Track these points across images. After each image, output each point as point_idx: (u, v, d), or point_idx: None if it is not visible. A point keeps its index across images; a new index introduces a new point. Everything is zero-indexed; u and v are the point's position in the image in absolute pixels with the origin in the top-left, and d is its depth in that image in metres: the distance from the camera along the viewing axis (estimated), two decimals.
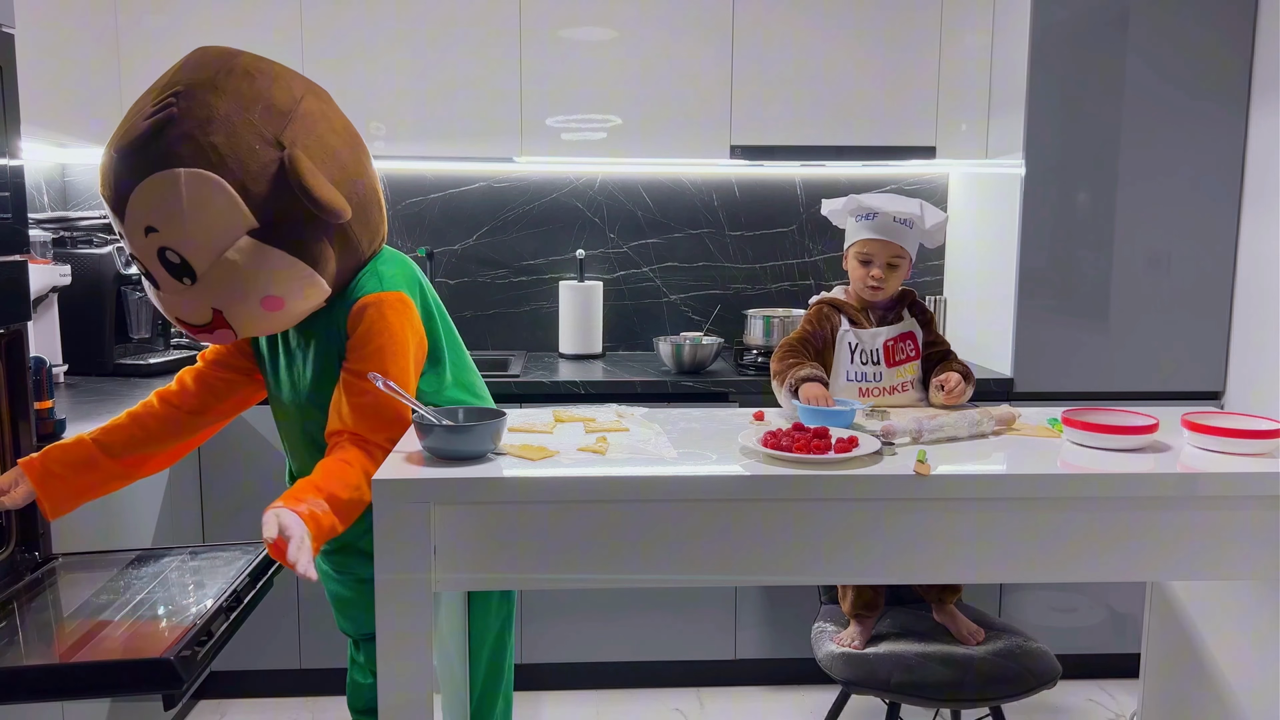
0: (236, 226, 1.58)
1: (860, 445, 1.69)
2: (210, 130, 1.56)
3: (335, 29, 2.88)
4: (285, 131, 1.62)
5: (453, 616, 1.81)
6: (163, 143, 1.55)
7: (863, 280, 2.14)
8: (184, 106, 1.57)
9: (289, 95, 1.66)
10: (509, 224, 3.28)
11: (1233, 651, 2.06)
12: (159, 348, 2.94)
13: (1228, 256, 2.82)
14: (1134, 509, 1.66)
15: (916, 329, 2.17)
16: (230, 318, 1.66)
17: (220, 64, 1.63)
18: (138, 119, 1.59)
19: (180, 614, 1.55)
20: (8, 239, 1.81)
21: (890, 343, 2.13)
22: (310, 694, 2.85)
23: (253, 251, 1.60)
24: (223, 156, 1.56)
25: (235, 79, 1.62)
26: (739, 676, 2.95)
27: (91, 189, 3.18)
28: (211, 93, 1.59)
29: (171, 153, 1.54)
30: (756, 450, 1.68)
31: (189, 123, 1.56)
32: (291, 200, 1.60)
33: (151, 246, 1.60)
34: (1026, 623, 2.89)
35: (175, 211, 1.56)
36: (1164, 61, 2.74)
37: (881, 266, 2.12)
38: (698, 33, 2.94)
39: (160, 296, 1.68)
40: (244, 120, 1.59)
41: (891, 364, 2.12)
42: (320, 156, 1.65)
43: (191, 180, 1.55)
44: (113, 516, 2.21)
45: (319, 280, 1.68)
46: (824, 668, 2.01)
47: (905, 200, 2.16)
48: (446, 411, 1.73)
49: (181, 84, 1.60)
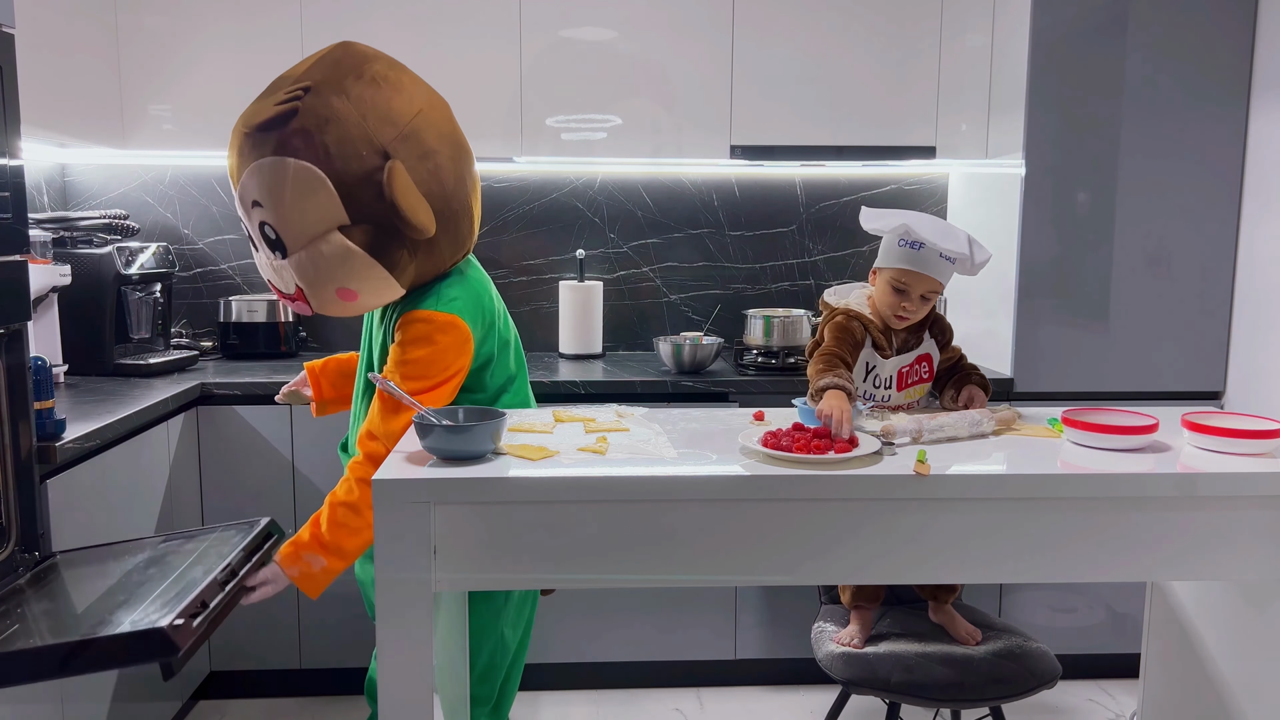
0: (329, 220, 1.73)
1: (860, 445, 1.69)
2: (326, 130, 1.70)
3: (335, 29, 2.88)
4: (394, 143, 1.74)
5: (453, 616, 1.81)
6: (283, 132, 1.71)
7: (892, 307, 2.01)
8: (309, 103, 1.71)
9: (408, 108, 1.78)
10: (509, 224, 3.28)
11: (1233, 651, 2.06)
12: (159, 348, 2.94)
13: (1228, 256, 2.82)
14: (1134, 509, 1.66)
15: (934, 351, 2.09)
16: (309, 296, 1.83)
17: (353, 67, 1.76)
18: (268, 103, 1.74)
19: (177, 589, 1.55)
20: (8, 239, 1.82)
21: (905, 369, 2.07)
22: (310, 694, 2.85)
23: (339, 246, 1.75)
24: (331, 156, 1.69)
25: (362, 85, 1.74)
26: (739, 676, 2.95)
27: (91, 189, 3.18)
28: (336, 94, 1.72)
29: (288, 143, 1.71)
30: (756, 450, 1.68)
31: (310, 119, 1.70)
32: (383, 208, 1.72)
33: (256, 218, 1.78)
34: (1026, 623, 2.89)
35: (279, 195, 1.72)
36: (1164, 62, 2.74)
37: (915, 300, 2.00)
38: (698, 33, 2.94)
39: (257, 259, 1.89)
40: (359, 126, 1.72)
41: (902, 388, 2.10)
42: (421, 172, 1.76)
43: (299, 172, 1.70)
44: (113, 515, 2.21)
45: (393, 283, 1.81)
46: (824, 668, 2.01)
47: (955, 233, 2.00)
48: (446, 411, 1.74)
49: (314, 80, 1.73)
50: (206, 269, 3.24)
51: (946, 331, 2.14)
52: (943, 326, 2.14)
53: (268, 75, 1.99)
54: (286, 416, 2.69)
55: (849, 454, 1.66)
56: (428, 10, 2.89)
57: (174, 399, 2.49)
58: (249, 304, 3.08)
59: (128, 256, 2.77)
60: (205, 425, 2.68)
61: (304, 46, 2.88)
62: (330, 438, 2.70)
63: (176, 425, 2.55)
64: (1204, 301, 2.83)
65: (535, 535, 1.61)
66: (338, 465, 2.71)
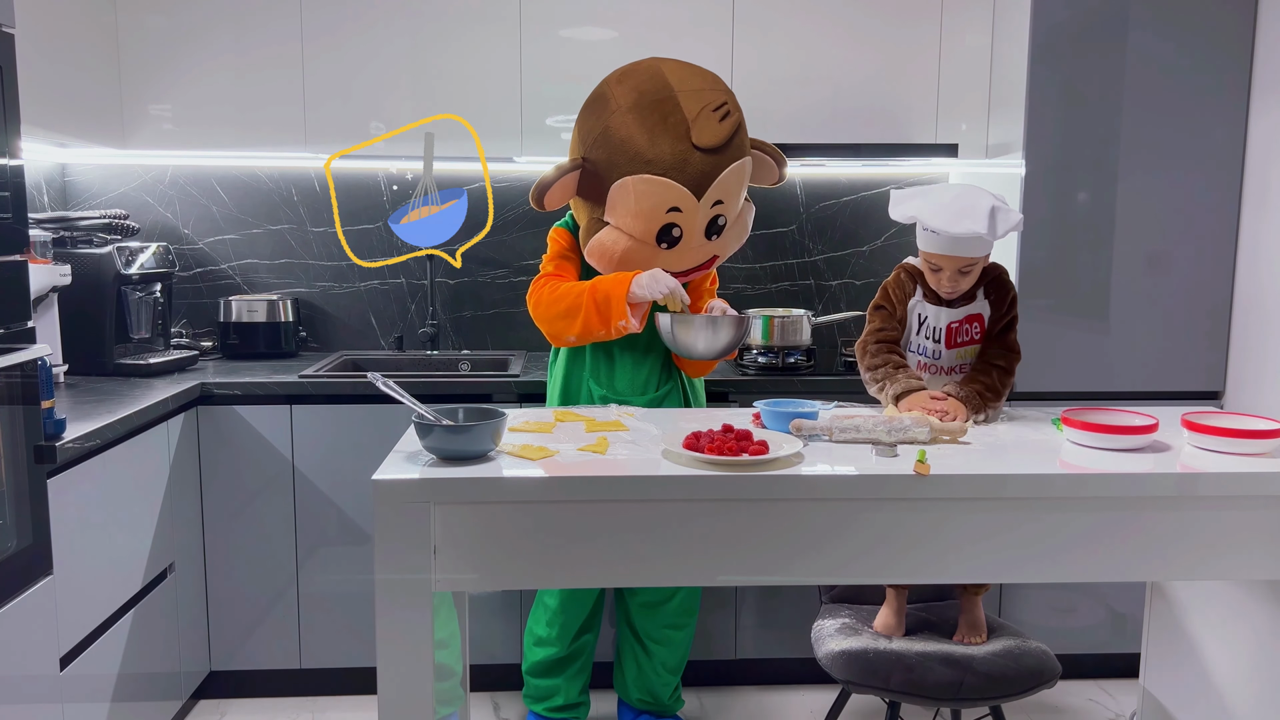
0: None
1: (781, 448, 1.71)
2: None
3: (335, 29, 2.88)
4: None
5: (453, 616, 1.81)
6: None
7: (934, 284, 2.10)
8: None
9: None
10: (509, 224, 3.28)
11: (1233, 651, 2.06)
12: (159, 348, 2.94)
13: (1228, 256, 2.82)
14: (1134, 509, 1.66)
15: (986, 311, 2.11)
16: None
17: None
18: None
19: None
20: (8, 239, 1.82)
21: (954, 324, 2.10)
22: (310, 694, 2.85)
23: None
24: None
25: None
26: (739, 676, 2.95)
27: (91, 189, 3.18)
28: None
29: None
30: (677, 453, 1.69)
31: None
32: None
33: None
34: (1026, 623, 2.89)
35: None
36: (1164, 61, 2.74)
37: (951, 276, 2.06)
38: (698, 32, 2.94)
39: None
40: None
41: (952, 345, 2.11)
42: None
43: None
44: (113, 515, 2.21)
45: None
46: (824, 667, 2.01)
47: (973, 210, 1.99)
48: (446, 411, 1.74)
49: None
50: (206, 269, 3.24)
51: (1004, 288, 2.12)
52: (1001, 284, 2.12)
53: (268, 75, 2.00)
54: (286, 416, 2.70)
55: (764, 456, 1.66)
56: (428, 10, 2.89)
57: (174, 399, 2.49)
58: (249, 304, 3.08)
59: (128, 256, 2.77)
60: (205, 425, 2.68)
61: (304, 47, 2.88)
62: (331, 438, 2.70)
63: (176, 425, 2.55)
64: (1204, 301, 2.83)
65: (535, 535, 1.61)
66: (338, 465, 2.72)
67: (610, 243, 2.25)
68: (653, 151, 2.17)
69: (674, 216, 2.21)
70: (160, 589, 2.45)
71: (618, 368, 2.38)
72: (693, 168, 2.18)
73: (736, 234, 2.37)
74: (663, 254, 2.26)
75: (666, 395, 2.42)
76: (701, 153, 2.17)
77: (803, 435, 1.83)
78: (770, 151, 2.38)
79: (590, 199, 2.29)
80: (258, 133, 2.91)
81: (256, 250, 3.24)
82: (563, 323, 2.24)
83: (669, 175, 2.17)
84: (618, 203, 2.22)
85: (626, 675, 2.57)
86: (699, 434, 1.74)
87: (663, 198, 2.18)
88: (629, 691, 2.58)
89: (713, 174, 2.20)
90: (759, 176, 2.41)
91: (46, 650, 1.92)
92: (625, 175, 2.19)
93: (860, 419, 1.84)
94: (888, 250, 3.33)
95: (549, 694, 2.52)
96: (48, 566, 1.92)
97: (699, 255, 2.31)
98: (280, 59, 2.89)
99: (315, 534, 2.74)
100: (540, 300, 2.29)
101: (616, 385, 2.38)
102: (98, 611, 2.15)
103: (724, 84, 2.31)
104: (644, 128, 2.18)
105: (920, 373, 2.13)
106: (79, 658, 2.06)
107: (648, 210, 2.19)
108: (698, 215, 2.22)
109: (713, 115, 2.18)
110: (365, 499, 2.73)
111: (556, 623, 2.45)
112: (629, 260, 2.26)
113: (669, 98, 2.20)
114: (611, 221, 2.26)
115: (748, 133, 2.32)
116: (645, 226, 2.21)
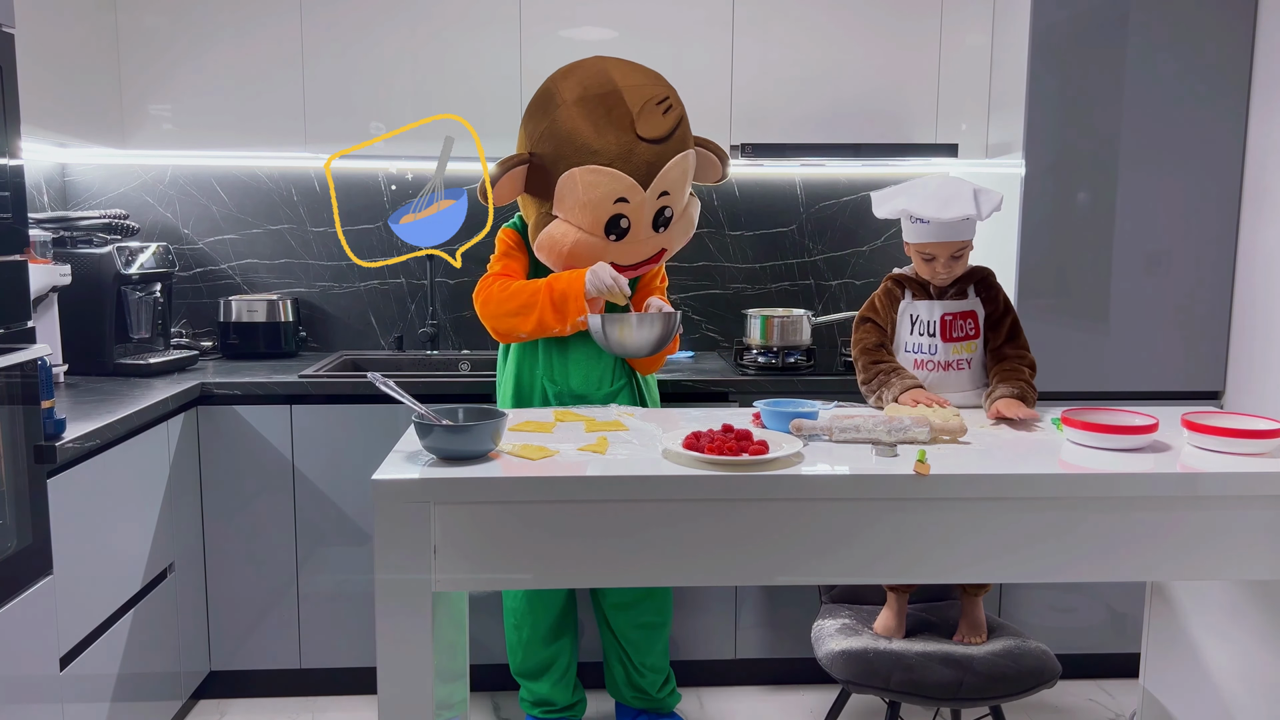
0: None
1: (782, 447, 1.72)
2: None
3: (335, 29, 2.88)
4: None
5: (453, 615, 1.81)
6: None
7: (929, 273, 2.17)
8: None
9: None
10: None
11: (1233, 651, 2.06)
12: (159, 348, 2.94)
13: (1228, 256, 2.82)
14: (1134, 509, 1.66)
15: (980, 309, 2.19)
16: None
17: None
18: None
19: None
20: (8, 239, 1.82)
21: (949, 318, 2.15)
22: (310, 694, 2.85)
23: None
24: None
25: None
26: (739, 676, 2.95)
27: (91, 189, 3.18)
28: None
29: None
30: (676, 453, 1.69)
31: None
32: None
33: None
34: (1026, 623, 2.89)
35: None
36: (1164, 61, 2.74)
37: (945, 262, 2.14)
38: (698, 33, 2.94)
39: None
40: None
41: (948, 339, 2.14)
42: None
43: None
44: (113, 515, 2.21)
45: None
46: (824, 667, 2.01)
47: (958, 196, 2.11)
48: (446, 411, 1.74)
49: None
50: (206, 269, 3.24)
51: (992, 289, 2.21)
52: (990, 285, 2.22)
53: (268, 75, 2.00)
54: (286, 416, 2.69)
55: (764, 456, 1.66)
56: (428, 10, 2.89)
57: (174, 399, 2.49)
58: (249, 304, 3.08)
59: (128, 256, 2.77)
60: (205, 425, 2.68)
61: (304, 47, 2.88)
62: (331, 438, 2.70)
63: (176, 425, 2.55)
64: (1204, 301, 2.83)
65: (535, 535, 1.61)
66: (338, 465, 2.72)
67: (560, 235, 2.27)
68: (599, 143, 2.20)
69: (621, 207, 2.24)
70: (160, 589, 2.45)
71: (571, 365, 2.39)
72: (638, 158, 2.21)
73: (683, 227, 2.40)
74: (612, 246, 2.28)
75: (619, 391, 2.43)
76: (646, 143, 2.22)
77: (803, 435, 1.83)
78: (713, 149, 2.42)
79: (538, 194, 2.32)
80: (258, 133, 2.91)
81: (256, 250, 3.24)
82: (515, 319, 2.27)
83: (615, 165, 2.20)
84: (565, 195, 2.24)
85: (615, 676, 2.59)
86: (699, 434, 1.74)
87: (610, 188, 2.21)
88: (621, 692, 2.59)
89: (658, 164, 2.24)
90: (703, 174, 2.44)
91: (46, 650, 1.92)
92: (572, 167, 2.21)
93: (860, 419, 1.84)
94: (888, 250, 3.33)
95: (541, 698, 2.54)
96: (48, 566, 1.92)
97: (647, 248, 2.34)
98: (280, 59, 2.89)
99: (315, 534, 2.74)
100: (490, 298, 2.31)
101: (571, 382, 2.39)
102: (98, 611, 2.15)
103: (666, 81, 2.35)
104: (589, 120, 2.21)
105: (916, 371, 2.16)
106: (79, 658, 2.06)
107: (595, 200, 2.22)
108: (644, 206, 2.25)
109: (656, 108, 2.23)
110: (365, 499, 2.73)
111: (525, 625, 2.48)
112: (578, 253, 2.28)
113: (613, 92, 2.23)
114: (560, 215, 2.28)
115: (690, 130, 2.36)
116: (593, 217, 2.24)
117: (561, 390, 2.40)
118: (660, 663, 2.58)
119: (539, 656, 2.50)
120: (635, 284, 2.46)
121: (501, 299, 2.29)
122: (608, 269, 2.23)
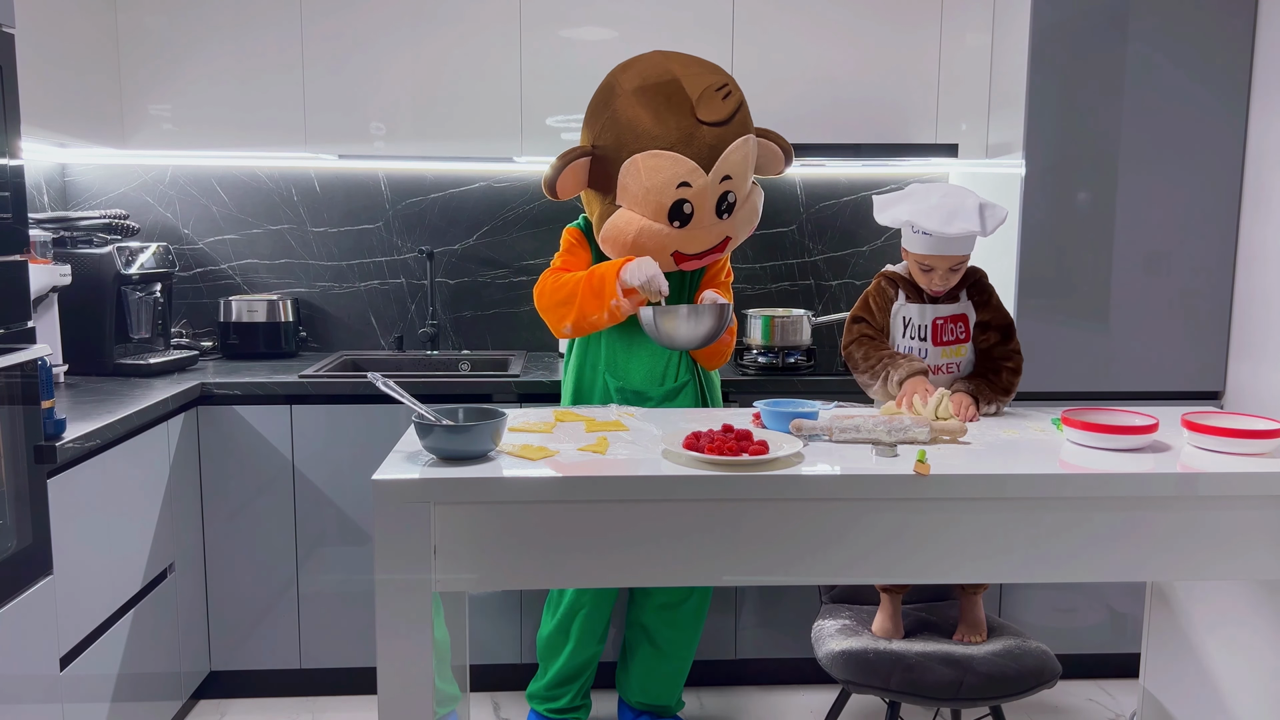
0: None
1: (781, 447, 1.72)
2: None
3: (335, 29, 2.88)
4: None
5: (453, 615, 1.81)
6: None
7: (924, 284, 2.14)
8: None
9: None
10: (509, 224, 3.28)
11: (1233, 651, 2.06)
12: (159, 348, 2.94)
13: (1228, 256, 2.82)
14: (1134, 509, 1.67)
15: (970, 312, 2.17)
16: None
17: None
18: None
19: None
20: (8, 239, 1.82)
21: (940, 321, 2.13)
22: (310, 694, 2.85)
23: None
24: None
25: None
26: (739, 676, 2.95)
27: (91, 189, 3.18)
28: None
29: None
30: (677, 453, 1.69)
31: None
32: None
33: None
34: (1026, 623, 2.89)
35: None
36: (1164, 61, 2.74)
37: (943, 275, 2.11)
38: (698, 33, 2.94)
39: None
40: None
41: (939, 343, 2.13)
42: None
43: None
44: (113, 515, 2.21)
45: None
46: (824, 667, 2.01)
47: (963, 209, 2.05)
48: (446, 411, 1.74)
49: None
50: (206, 269, 3.24)
51: (984, 292, 2.18)
52: (982, 288, 2.19)
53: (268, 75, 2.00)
54: (286, 416, 2.70)
55: (764, 456, 1.66)
56: (428, 10, 2.89)
57: (174, 399, 2.49)
58: (249, 304, 3.08)
59: (128, 256, 2.77)
60: (205, 425, 2.68)
61: (304, 46, 2.88)
62: (330, 438, 2.70)
63: (176, 425, 2.55)
64: (1204, 301, 2.83)
65: (535, 535, 1.61)
66: (338, 465, 2.72)
67: (624, 224, 2.27)
68: (659, 129, 2.20)
69: (684, 192, 2.23)
70: (160, 589, 2.45)
71: (634, 360, 2.39)
72: (700, 141, 2.21)
73: (747, 215, 2.38)
74: (676, 234, 2.27)
75: (683, 388, 2.41)
76: (707, 127, 2.21)
77: (803, 435, 1.83)
78: (777, 140, 2.41)
79: (601, 188, 2.31)
80: (258, 133, 2.91)
81: (256, 250, 3.24)
82: (561, 309, 2.27)
83: (676, 150, 2.20)
84: (629, 182, 2.24)
85: (632, 676, 2.57)
86: (699, 434, 1.74)
87: (672, 172, 2.20)
88: (631, 692, 2.58)
89: (719, 147, 2.23)
90: (765, 166, 2.43)
91: (46, 650, 1.92)
92: (634, 154, 2.21)
93: (860, 419, 1.84)
94: (888, 250, 3.33)
95: (556, 697, 2.53)
96: (48, 566, 1.92)
97: (712, 235, 2.32)
98: (280, 59, 2.89)
99: (315, 534, 2.74)
100: (543, 291, 2.32)
101: (633, 378, 2.38)
102: (98, 611, 2.15)
103: (724, 70, 2.34)
104: (649, 108, 2.22)
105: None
106: (79, 658, 2.06)
107: (658, 186, 2.21)
108: (707, 191, 2.24)
109: (716, 94, 2.23)
110: (365, 499, 2.73)
111: (575, 626, 2.45)
112: (642, 242, 2.27)
113: (672, 80, 2.24)
114: (624, 204, 2.27)
115: (750, 117, 2.34)
116: (657, 203, 2.23)
117: (623, 385, 2.38)
118: (686, 668, 2.57)
119: (586, 654, 2.48)
120: (700, 276, 2.45)
121: (550, 290, 2.29)
122: (653, 264, 2.21)
